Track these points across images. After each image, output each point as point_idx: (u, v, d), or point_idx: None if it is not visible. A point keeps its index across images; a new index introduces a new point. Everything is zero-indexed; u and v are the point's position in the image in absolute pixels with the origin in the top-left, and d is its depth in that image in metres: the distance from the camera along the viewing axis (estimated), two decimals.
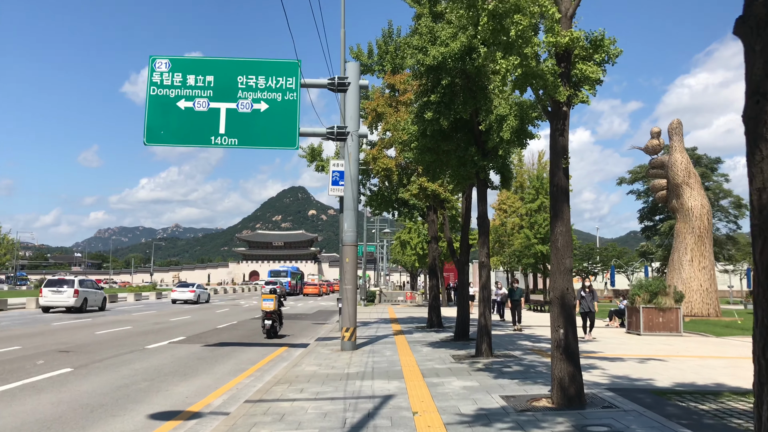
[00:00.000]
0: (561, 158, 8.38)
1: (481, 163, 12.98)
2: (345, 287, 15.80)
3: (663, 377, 10.94)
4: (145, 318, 28.91)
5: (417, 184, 18.33)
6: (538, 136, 12.86)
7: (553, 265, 8.30)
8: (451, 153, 13.47)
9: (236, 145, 15.89)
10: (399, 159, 18.84)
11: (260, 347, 17.63)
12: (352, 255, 15.86)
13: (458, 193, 19.38)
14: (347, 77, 16.10)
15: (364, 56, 22.15)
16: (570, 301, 8.15)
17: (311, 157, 23.52)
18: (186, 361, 14.43)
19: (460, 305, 17.60)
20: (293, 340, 19.98)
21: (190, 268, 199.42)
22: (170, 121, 15.88)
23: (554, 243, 8.31)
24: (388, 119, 17.52)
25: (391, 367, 12.21)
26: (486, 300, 13.23)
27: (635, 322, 20.64)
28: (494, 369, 11.64)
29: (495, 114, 11.96)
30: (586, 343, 17.36)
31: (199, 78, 15.98)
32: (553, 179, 8.41)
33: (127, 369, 13.00)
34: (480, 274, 13.51)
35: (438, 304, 22.57)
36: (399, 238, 52.43)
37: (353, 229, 15.88)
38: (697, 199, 29.38)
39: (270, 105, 15.94)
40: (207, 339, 19.57)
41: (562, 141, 8.44)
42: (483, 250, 13.41)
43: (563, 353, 8.03)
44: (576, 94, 8.48)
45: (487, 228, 13.53)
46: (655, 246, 68.61)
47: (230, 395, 10.20)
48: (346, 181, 15.95)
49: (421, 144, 13.22)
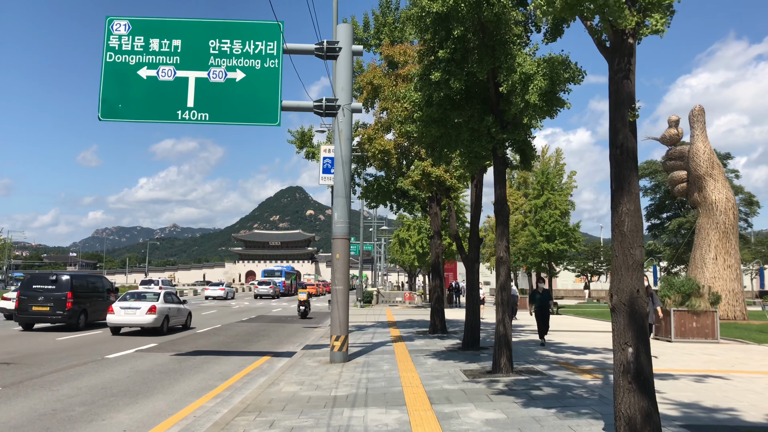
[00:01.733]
0: (626, 110, 6.03)
1: (499, 137, 10.61)
2: (336, 288, 13.43)
3: (744, 405, 8.53)
4: None
5: (419, 169, 15.93)
6: (568, 105, 10.52)
7: (617, 258, 5.95)
8: (462, 126, 11.09)
9: (207, 120, 13.52)
10: (399, 140, 16.43)
11: (239, 356, 15.28)
12: (344, 250, 13.49)
13: (469, 178, 16.95)
14: (338, 41, 13.73)
15: (359, 29, 19.77)
16: (641, 308, 5.79)
17: (300, 143, 21.12)
18: (146, 376, 12.06)
19: (469, 308, 15.22)
20: (279, 347, 17.62)
21: (186, 268, 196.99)
22: (130, 92, 13.52)
23: (618, 227, 5.95)
24: (386, 94, 15.12)
25: (390, 387, 9.84)
26: (505, 303, 10.83)
27: (665, 327, 18.30)
28: (520, 392, 9.25)
29: (519, 72, 9.60)
30: None
31: (164, 42, 13.61)
32: (616, 139, 6.05)
33: (68, 388, 10.63)
34: (497, 272, 11.11)
35: (441, 307, 20.19)
36: (397, 235, 49.98)
37: (345, 220, 13.51)
38: (721, 191, 27.02)
39: (247, 74, 13.57)
40: (180, 346, 17.21)
41: (627, 86, 6.08)
42: (501, 243, 11.02)
43: (634, 381, 5.67)
44: (644, 22, 6.11)
45: (506, 216, 11.14)
46: (663, 245, 66.23)
47: (180, 429, 7.83)
48: (337, 164, 13.57)
49: (426, 114, 10.83)
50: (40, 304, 20.77)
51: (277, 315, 32.48)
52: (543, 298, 16.88)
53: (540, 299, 16.79)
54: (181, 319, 22.56)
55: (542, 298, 16.85)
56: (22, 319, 21.16)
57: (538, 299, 16.82)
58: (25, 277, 23.67)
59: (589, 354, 14.59)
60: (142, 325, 20.17)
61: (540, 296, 16.88)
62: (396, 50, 16.41)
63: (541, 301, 16.76)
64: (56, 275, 21.77)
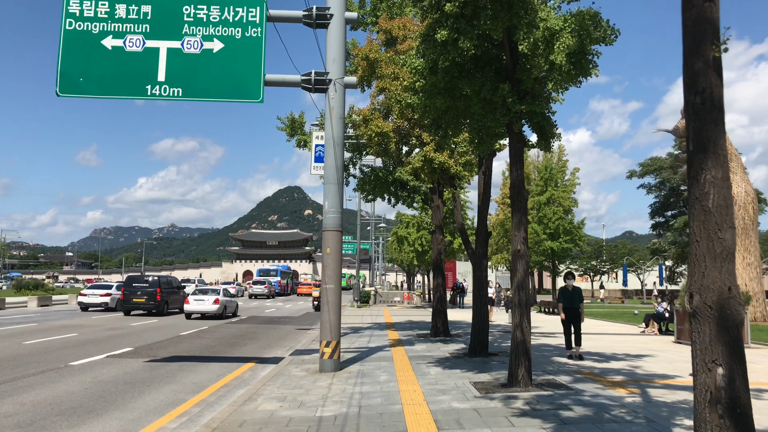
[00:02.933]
0: (709, 43, 4.43)
1: (517, 108, 9.00)
2: (326, 287, 11.82)
3: None
4: (103, 322, 24.88)
5: (420, 155, 14.29)
6: (597, 71, 8.96)
7: (698, 245, 4.36)
8: (472, 98, 9.49)
9: (180, 96, 11.90)
10: (398, 122, 14.77)
11: (220, 363, 13.68)
12: (336, 243, 11.88)
13: (476, 165, 15.28)
14: (329, 7, 12.12)
15: (354, 6, 18.16)
16: (735, 312, 4.20)
17: (291, 130, 19.50)
18: (107, 388, 10.47)
19: (477, 309, 13.60)
20: (266, 351, 16.03)
21: (183, 267, 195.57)
22: (92, 64, 11.89)
23: (699, 202, 4.36)
24: (384, 70, 13.49)
25: (388, 405, 8.22)
26: (523, 305, 9.20)
27: (689, 330, 16.71)
28: (546, 413, 7.61)
29: (543, 28, 8.01)
30: (639, 360, 13.47)
31: (132, 8, 11.98)
32: (695, 83, 4.46)
33: (9, 404, 9.03)
34: (514, 268, 9.46)
35: (444, 308, 18.57)
36: (396, 233, 48.33)
37: (337, 210, 11.89)
38: (740, 185, 25.42)
39: (226, 44, 11.95)
40: (158, 351, 15.61)
41: (710, 11, 4.48)
42: (519, 234, 9.39)
43: (727, 416, 4.08)
44: None
45: (524, 202, 9.51)
46: (668, 243, 64.58)
47: None
48: (328, 146, 11.95)
49: (430, 83, 9.23)
50: (138, 297, 28.99)
51: (270, 316, 30.86)
52: (573, 297, 13.51)
53: (570, 299, 13.52)
54: (232, 309, 30.10)
55: (572, 297, 13.51)
56: (125, 308, 29.23)
57: (569, 299, 13.54)
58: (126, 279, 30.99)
59: (613, 362, 13.00)
60: (209, 312, 27.48)
61: (570, 295, 13.56)
62: (395, 24, 14.77)
63: (572, 301, 13.48)
64: (149, 277, 30.51)
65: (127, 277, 30.82)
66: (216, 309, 27.38)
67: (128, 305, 29.02)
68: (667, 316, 20.51)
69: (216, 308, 27.39)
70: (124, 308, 29.28)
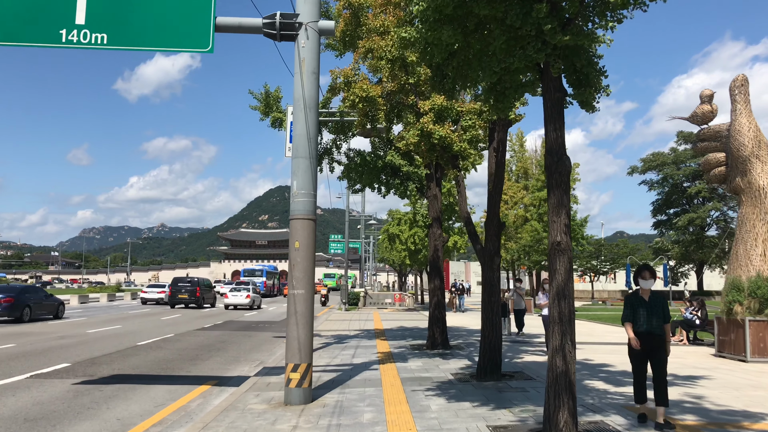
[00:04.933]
0: None
1: (558, 39, 6.27)
2: (294, 292, 9.06)
3: None
4: (60, 328, 22.03)
5: (416, 128, 11.51)
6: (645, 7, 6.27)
7: None
8: (493, 29, 6.77)
9: (105, 44, 9.11)
10: (389, 86, 11.95)
11: (168, 385, 10.94)
12: (307, 236, 9.12)
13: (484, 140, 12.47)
14: None
15: None
16: None
17: (265, 107, 16.66)
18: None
19: (487, 319, 10.84)
20: (231, 367, 13.30)
21: (171, 267, 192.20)
22: None
23: None
24: (371, 22, 10.73)
25: None
26: (566, 321, 6.43)
27: (736, 342, 14.11)
28: None
29: None
30: (695, 385, 10.79)
31: None
32: None
33: None
34: (552, 266, 6.62)
35: (443, 315, 15.82)
36: (387, 231, 45.54)
37: (309, 191, 9.12)
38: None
39: None
40: (98, 368, 12.84)
41: None
42: (558, 220, 6.61)
43: None
44: None
45: (565, 175, 6.71)
46: (671, 242, 62.18)
47: None
48: (297, 107, 9.16)
49: (434, 5, 6.49)
50: (182, 294, 37.63)
51: (248, 321, 28.00)
52: (652, 311, 7.26)
53: (647, 315, 7.25)
54: (258, 302, 39.42)
55: (650, 311, 7.26)
56: (171, 302, 38.02)
57: (643, 315, 7.26)
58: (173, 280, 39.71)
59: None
60: (243, 304, 36.92)
61: (647, 308, 7.28)
62: None
63: (649, 319, 7.23)
64: (191, 279, 39.53)
65: (174, 279, 39.60)
66: (248, 302, 36.94)
67: (174, 300, 37.79)
68: (697, 323, 17.90)
69: (248, 301, 36.95)
70: (171, 302, 38.03)
